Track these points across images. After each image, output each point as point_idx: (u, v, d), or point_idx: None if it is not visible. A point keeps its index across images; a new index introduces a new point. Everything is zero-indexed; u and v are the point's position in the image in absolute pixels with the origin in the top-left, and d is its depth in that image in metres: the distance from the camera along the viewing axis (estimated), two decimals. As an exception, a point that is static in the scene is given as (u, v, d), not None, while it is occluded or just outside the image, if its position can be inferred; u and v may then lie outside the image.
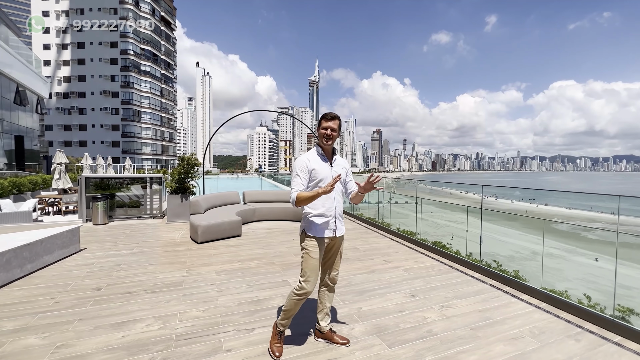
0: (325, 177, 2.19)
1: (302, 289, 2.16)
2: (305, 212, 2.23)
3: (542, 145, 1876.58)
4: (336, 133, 2.21)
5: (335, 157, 2.34)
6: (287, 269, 4.04)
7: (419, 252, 4.92)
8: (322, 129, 2.22)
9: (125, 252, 4.71)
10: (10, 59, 15.56)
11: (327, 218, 2.22)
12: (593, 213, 48.38)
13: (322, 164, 2.24)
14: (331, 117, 2.21)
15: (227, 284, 3.51)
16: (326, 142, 2.23)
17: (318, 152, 2.29)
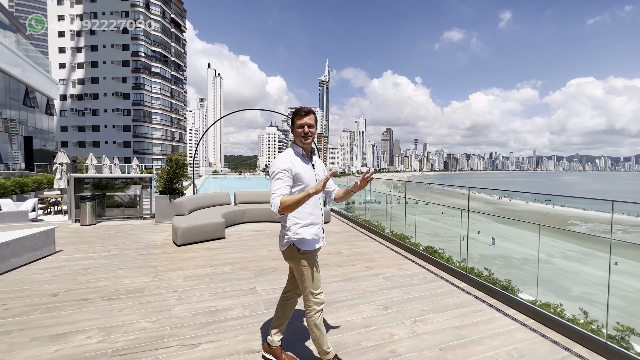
0: (309, 183, 1.92)
1: (319, 301, 1.96)
2: (293, 222, 1.91)
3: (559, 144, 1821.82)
4: (314, 129, 1.95)
5: (314, 157, 2.10)
6: (260, 275, 3.82)
7: (406, 258, 4.62)
8: (297, 127, 1.94)
9: (100, 254, 4.59)
10: (20, 62, 15.93)
11: (317, 227, 1.99)
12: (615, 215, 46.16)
13: (305, 166, 1.95)
14: (305, 112, 1.94)
15: (191, 291, 3.32)
16: (304, 141, 1.95)
17: (297, 153, 1.98)
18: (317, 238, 1.98)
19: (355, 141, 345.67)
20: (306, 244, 1.92)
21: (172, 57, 54.66)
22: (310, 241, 1.93)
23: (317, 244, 1.97)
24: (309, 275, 1.94)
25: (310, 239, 1.93)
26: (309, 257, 1.93)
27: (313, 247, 1.94)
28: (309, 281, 1.94)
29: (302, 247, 1.90)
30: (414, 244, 5.75)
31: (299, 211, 1.89)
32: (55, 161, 11.68)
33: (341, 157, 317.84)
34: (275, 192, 1.78)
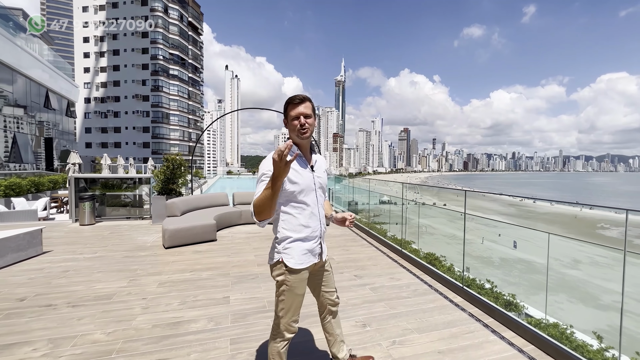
0: (307, 187, 1.60)
1: (287, 330, 1.67)
2: (282, 235, 1.61)
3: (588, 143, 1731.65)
4: (312, 120, 1.59)
5: (315, 156, 1.74)
6: (239, 282, 3.60)
7: (401, 267, 4.27)
8: (291, 118, 1.56)
9: (86, 256, 4.52)
10: (41, 67, 16.60)
11: (312, 242, 1.66)
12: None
13: (300, 167, 1.61)
14: (300, 99, 1.57)
15: (161, 298, 3.13)
16: (302, 135, 1.57)
17: (292, 151, 1.60)
18: (311, 254, 1.66)
19: (372, 141, 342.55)
20: (294, 259, 1.60)
21: (189, 60, 55.94)
22: (300, 258, 1.61)
23: (309, 261, 1.65)
24: (290, 298, 1.64)
25: (300, 255, 1.61)
26: (295, 277, 1.62)
27: (302, 266, 1.62)
28: (286, 304, 1.65)
29: (289, 263, 1.59)
30: (415, 250, 5.38)
31: (290, 222, 1.61)
32: (68, 161, 12.04)
33: (357, 157, 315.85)
34: (255, 196, 1.48)
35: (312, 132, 1.62)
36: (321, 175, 1.72)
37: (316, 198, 1.67)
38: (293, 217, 1.60)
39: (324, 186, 1.74)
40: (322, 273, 1.85)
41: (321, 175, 1.72)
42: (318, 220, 1.67)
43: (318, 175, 1.69)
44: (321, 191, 1.72)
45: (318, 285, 1.87)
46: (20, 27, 16.79)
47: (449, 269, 4.36)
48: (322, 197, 1.73)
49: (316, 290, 1.89)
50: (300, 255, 1.61)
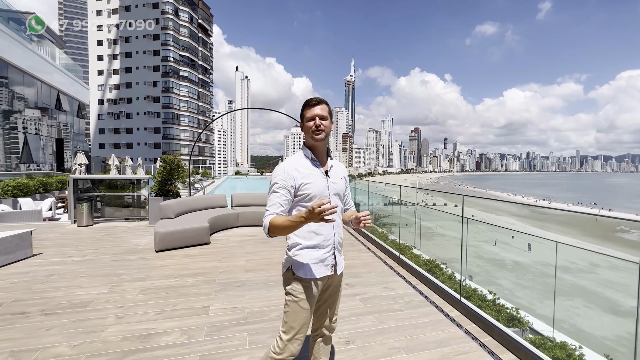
0: (320, 193, 1.52)
1: (286, 350, 1.51)
2: (292, 242, 1.55)
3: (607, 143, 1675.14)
4: (328, 122, 1.54)
5: (330, 161, 1.65)
6: (223, 290, 3.43)
7: (397, 275, 4.02)
8: (307, 120, 1.53)
9: (75, 259, 4.44)
10: (52, 69, 16.95)
11: (324, 251, 1.56)
12: (669, 222, 41.84)
13: (315, 173, 1.55)
14: (316, 101, 1.55)
15: (138, 307, 2.99)
16: (316, 137, 1.53)
17: (307, 156, 1.59)
18: (322, 265, 1.55)
19: (382, 141, 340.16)
20: (303, 267, 1.51)
21: (199, 61, 56.61)
22: (308, 266, 1.51)
23: (320, 272, 1.53)
24: (294, 312, 1.51)
25: (309, 263, 1.51)
26: (302, 288, 1.51)
27: (311, 275, 1.51)
28: (290, 317, 1.51)
29: (298, 272, 1.51)
30: (415, 256, 5.12)
31: (301, 229, 1.49)
32: (74, 162, 12.20)
33: (367, 157, 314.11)
34: (268, 208, 1.46)
35: (328, 134, 1.56)
36: (337, 182, 1.62)
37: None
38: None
39: (340, 193, 1.64)
40: (335, 294, 1.71)
41: (337, 181, 1.63)
42: (332, 229, 1.58)
43: (333, 181, 1.60)
44: (337, 198, 1.61)
45: (323, 303, 1.70)
46: (33, 30, 17.19)
47: (450, 278, 4.10)
48: (338, 204, 1.60)
49: (319, 310, 1.71)
50: (311, 263, 1.52)
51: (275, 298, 3.26)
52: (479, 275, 24.75)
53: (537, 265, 36.47)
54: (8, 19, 15.10)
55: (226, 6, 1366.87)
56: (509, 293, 20.74)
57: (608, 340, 14.05)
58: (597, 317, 18.48)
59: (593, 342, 14.30)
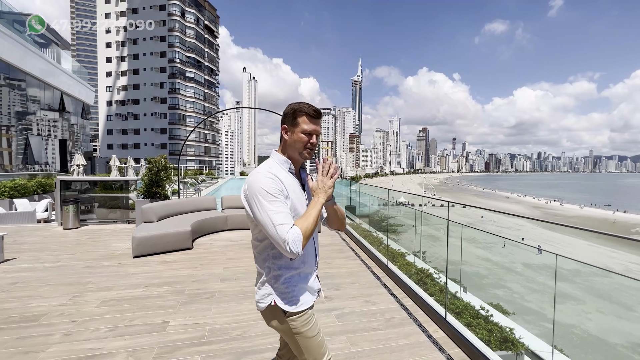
0: (301, 210, 1.28)
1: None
2: (272, 273, 1.28)
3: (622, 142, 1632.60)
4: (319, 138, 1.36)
5: (304, 173, 1.45)
6: (190, 302, 3.18)
7: (383, 286, 3.71)
8: (303, 132, 1.26)
9: (47, 265, 4.26)
10: (56, 72, 17.09)
11: (308, 276, 1.35)
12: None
13: (295, 186, 1.30)
14: (318, 113, 1.29)
15: (91, 322, 2.75)
16: (309, 158, 1.33)
17: (286, 167, 1.31)
18: (309, 292, 1.34)
19: (389, 141, 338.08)
20: (295, 302, 1.28)
21: (205, 62, 56.97)
22: (300, 297, 1.29)
23: (310, 300, 1.33)
24: (310, 345, 1.30)
25: (300, 294, 1.30)
26: (305, 320, 1.29)
27: (303, 306, 1.29)
28: (311, 352, 1.30)
29: (289, 308, 1.27)
30: (408, 263, 4.79)
31: (281, 255, 1.26)
32: (72, 163, 12.18)
33: (374, 157, 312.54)
34: (281, 222, 1.12)
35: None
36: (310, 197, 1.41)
37: None
38: None
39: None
40: None
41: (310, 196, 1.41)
42: (314, 250, 1.38)
43: (308, 197, 1.38)
44: None
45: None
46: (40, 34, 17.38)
47: (442, 290, 3.76)
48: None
49: (287, 346, 1.50)
50: (299, 294, 1.30)
51: (243, 313, 2.99)
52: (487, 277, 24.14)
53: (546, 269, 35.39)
54: (13, 21, 15.27)
55: (233, 8, 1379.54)
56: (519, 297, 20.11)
57: (621, 347, 13.40)
58: (610, 322, 17.73)
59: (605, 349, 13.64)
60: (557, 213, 74.72)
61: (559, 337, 12.83)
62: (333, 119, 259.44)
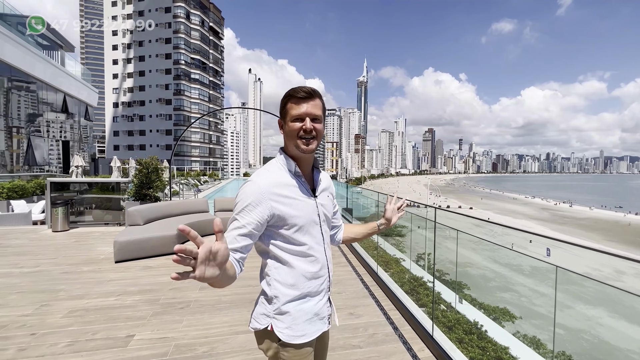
0: (309, 221, 1.09)
1: None
2: (275, 292, 1.08)
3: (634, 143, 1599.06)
4: (320, 125, 1.09)
5: (318, 174, 1.20)
6: (161, 313, 2.98)
7: (370, 296, 3.47)
8: (293, 119, 1.06)
9: (24, 270, 4.11)
10: (59, 73, 17.20)
11: (317, 299, 1.12)
12: None
13: (301, 195, 1.09)
14: (308, 93, 1.06)
15: (51, 335, 2.57)
16: (304, 147, 1.07)
17: (288, 168, 1.11)
18: (317, 319, 1.12)
19: (395, 142, 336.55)
20: (292, 331, 1.06)
21: (210, 64, 57.26)
22: (302, 327, 1.07)
23: (316, 329, 1.11)
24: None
25: (302, 322, 1.08)
26: (295, 355, 1.07)
27: (305, 339, 1.08)
28: None
29: (284, 338, 1.06)
30: (401, 270, 4.55)
31: (284, 273, 1.07)
32: (72, 164, 12.16)
33: (379, 158, 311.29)
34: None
35: (319, 142, 1.11)
36: (325, 203, 1.18)
37: (322, 235, 1.15)
38: (288, 264, 1.08)
39: (329, 217, 1.21)
40: (324, 346, 1.28)
41: (325, 202, 1.19)
42: (326, 267, 1.15)
43: (321, 202, 1.16)
44: (326, 225, 1.19)
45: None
46: (43, 35, 17.55)
47: (436, 302, 3.51)
48: (328, 232, 1.21)
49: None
50: (303, 322, 1.08)
51: (215, 326, 2.78)
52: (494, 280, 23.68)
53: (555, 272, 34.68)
54: (17, 23, 15.39)
55: (239, 10, 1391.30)
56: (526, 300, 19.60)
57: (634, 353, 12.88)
58: (622, 327, 17.15)
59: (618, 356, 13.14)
60: (567, 215, 73.28)
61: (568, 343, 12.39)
62: (338, 120, 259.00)
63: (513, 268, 41.36)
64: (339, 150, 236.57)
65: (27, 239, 5.75)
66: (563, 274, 4.66)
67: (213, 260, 0.74)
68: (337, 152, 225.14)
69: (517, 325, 6.07)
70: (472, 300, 5.21)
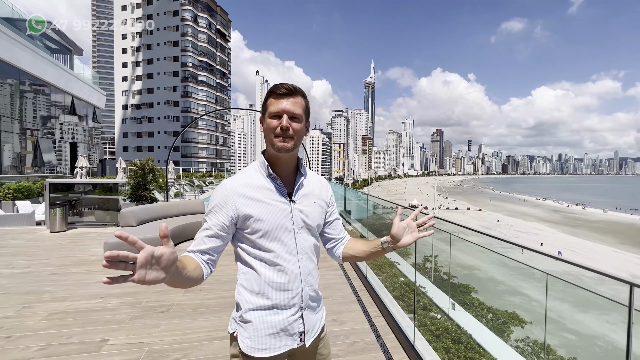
0: (279, 227, 1.02)
1: None
2: (238, 299, 1.06)
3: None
4: (301, 125, 1.03)
5: (301, 178, 1.11)
6: (140, 317, 2.93)
7: (357, 302, 3.36)
8: (270, 116, 1.01)
9: (15, 271, 4.12)
10: (66, 75, 17.54)
11: (287, 314, 1.04)
12: None
13: (271, 198, 1.04)
14: (287, 90, 1.01)
15: (26, 339, 2.54)
16: (283, 147, 1.01)
17: (264, 171, 1.06)
18: (285, 335, 1.03)
19: (402, 143, 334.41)
20: (251, 341, 1.01)
21: (217, 66, 57.86)
22: (262, 340, 1.01)
23: (280, 345, 1.03)
24: None
25: (263, 335, 1.01)
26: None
27: (263, 353, 1.00)
28: None
29: (242, 347, 1.01)
30: (395, 274, 4.42)
31: (251, 280, 1.03)
32: (76, 165, 12.34)
33: (387, 159, 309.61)
34: (194, 241, 1.01)
35: (298, 144, 1.05)
36: (306, 209, 1.08)
37: (295, 244, 1.05)
38: (254, 271, 1.03)
39: (312, 225, 1.10)
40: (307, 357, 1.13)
41: (307, 208, 1.09)
42: (298, 279, 1.05)
43: (300, 208, 1.07)
44: (307, 233, 1.09)
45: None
46: (49, 37, 17.94)
47: (425, 307, 3.38)
48: (309, 242, 1.09)
49: None
50: (266, 335, 1.01)
51: (193, 331, 2.71)
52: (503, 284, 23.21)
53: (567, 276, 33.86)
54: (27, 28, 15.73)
55: (246, 13, 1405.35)
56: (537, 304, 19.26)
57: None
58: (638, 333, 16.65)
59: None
60: (579, 217, 71.46)
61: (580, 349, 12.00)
62: (345, 121, 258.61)
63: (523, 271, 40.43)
64: (346, 151, 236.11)
65: (24, 240, 5.80)
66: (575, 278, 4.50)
67: (157, 264, 0.75)
68: (344, 153, 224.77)
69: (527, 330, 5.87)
70: (480, 303, 5.04)
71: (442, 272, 5.07)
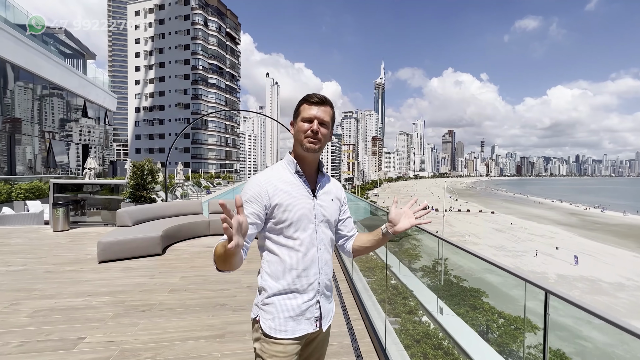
0: (304, 218, 1.16)
1: None
2: (261, 284, 1.17)
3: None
4: (328, 130, 1.19)
5: (322, 178, 1.28)
6: (122, 316, 2.96)
7: (340, 305, 3.31)
8: (303, 120, 1.16)
9: (11, 269, 4.24)
10: (79, 80, 18.09)
11: (305, 298, 1.15)
12: None
13: (298, 192, 1.17)
14: (320, 100, 1.17)
15: (9, 335, 2.59)
16: (308, 145, 1.15)
17: (292, 168, 1.20)
18: (303, 319, 1.14)
19: (413, 144, 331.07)
20: (273, 324, 1.12)
21: (226, 69, 58.65)
22: (283, 322, 1.12)
23: (298, 329, 1.13)
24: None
25: (283, 318, 1.12)
26: (273, 350, 1.11)
27: (284, 334, 1.11)
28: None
29: (264, 328, 1.12)
30: (385, 276, 4.33)
31: (273, 266, 1.15)
32: (85, 166, 12.69)
33: (397, 161, 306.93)
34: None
35: (323, 146, 1.20)
36: (326, 205, 1.24)
37: (315, 235, 1.19)
38: (278, 258, 1.16)
39: (331, 220, 1.26)
40: (318, 347, 1.26)
41: (326, 204, 1.24)
42: (316, 267, 1.17)
43: (321, 203, 1.22)
44: (325, 226, 1.24)
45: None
46: (62, 42, 18.55)
47: (411, 311, 3.31)
48: (327, 235, 1.24)
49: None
50: (284, 317, 1.12)
51: (169, 331, 2.72)
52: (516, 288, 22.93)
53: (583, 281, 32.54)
54: (42, 34, 16.31)
55: (256, 16, 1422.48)
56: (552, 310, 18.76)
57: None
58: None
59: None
60: (598, 220, 69.01)
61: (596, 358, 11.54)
62: (355, 122, 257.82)
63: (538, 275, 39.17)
64: (355, 152, 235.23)
65: (27, 238, 5.98)
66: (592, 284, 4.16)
67: (240, 230, 0.85)
68: (353, 154, 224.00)
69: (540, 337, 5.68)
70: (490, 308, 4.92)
71: (451, 275, 4.99)
